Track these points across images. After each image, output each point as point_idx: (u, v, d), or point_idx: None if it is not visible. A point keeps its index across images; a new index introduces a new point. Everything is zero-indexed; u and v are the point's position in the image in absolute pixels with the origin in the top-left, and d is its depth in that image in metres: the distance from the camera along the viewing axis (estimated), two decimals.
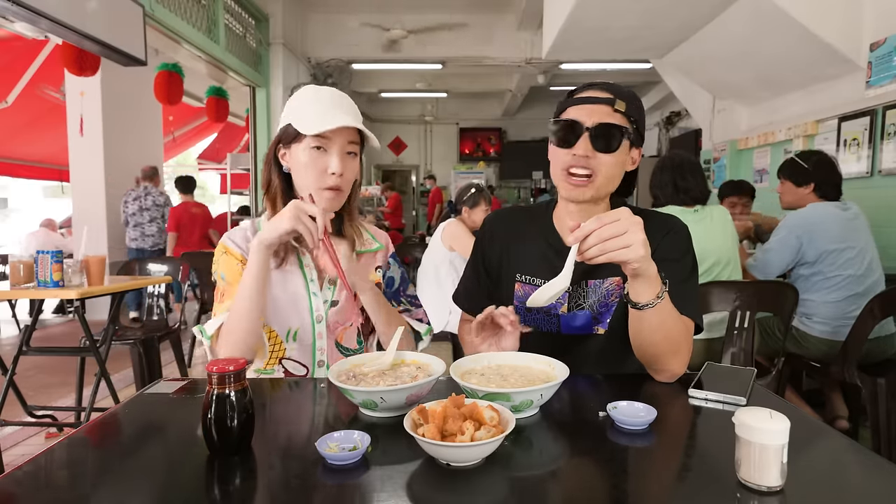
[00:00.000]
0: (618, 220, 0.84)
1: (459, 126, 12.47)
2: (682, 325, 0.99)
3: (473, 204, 3.11)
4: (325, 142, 1.12)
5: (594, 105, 1.05)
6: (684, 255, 1.10)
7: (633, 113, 1.06)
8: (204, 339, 1.11)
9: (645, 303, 0.92)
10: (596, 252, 0.84)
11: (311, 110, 1.13)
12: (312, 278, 1.19)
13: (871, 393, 2.09)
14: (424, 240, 5.86)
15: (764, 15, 3.73)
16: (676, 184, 2.26)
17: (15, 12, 2.78)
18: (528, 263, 1.17)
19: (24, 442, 2.67)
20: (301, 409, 0.94)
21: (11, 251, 6.95)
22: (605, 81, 1.09)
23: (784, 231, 2.35)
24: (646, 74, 7.87)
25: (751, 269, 2.46)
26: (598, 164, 1.04)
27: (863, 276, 2.26)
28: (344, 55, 7.58)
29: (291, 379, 1.14)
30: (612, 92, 1.06)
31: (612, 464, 0.70)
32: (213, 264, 1.20)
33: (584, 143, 1.03)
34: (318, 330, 1.19)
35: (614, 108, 1.04)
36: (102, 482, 0.67)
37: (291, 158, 1.16)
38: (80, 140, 5.31)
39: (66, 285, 2.38)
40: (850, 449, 0.74)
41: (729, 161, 5.45)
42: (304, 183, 1.14)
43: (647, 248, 0.85)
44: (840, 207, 2.33)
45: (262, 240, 1.05)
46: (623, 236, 0.83)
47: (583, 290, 1.13)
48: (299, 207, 1.03)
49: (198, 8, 4.83)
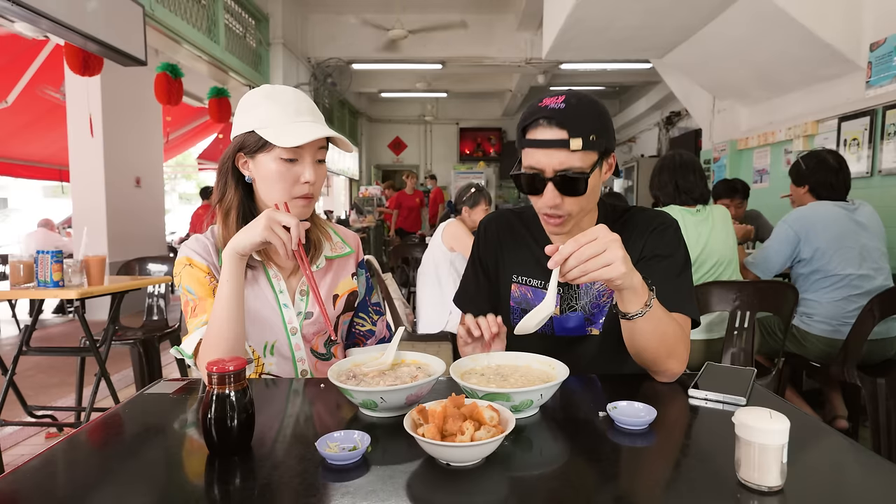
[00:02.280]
0: (595, 240, 0.84)
1: (459, 126, 12.49)
2: (677, 326, 0.98)
3: (473, 204, 3.11)
4: (297, 152, 1.07)
5: (549, 149, 0.97)
6: (675, 251, 1.09)
7: (594, 142, 0.97)
8: (186, 359, 1.09)
9: (634, 313, 0.92)
10: (577, 273, 0.84)
11: (278, 116, 1.07)
12: (281, 289, 1.16)
13: (871, 393, 2.09)
14: (424, 240, 5.86)
15: (764, 15, 3.74)
16: (678, 184, 2.25)
17: (15, 12, 2.78)
18: (523, 265, 1.18)
19: (24, 442, 2.67)
20: (301, 409, 0.94)
21: (11, 251, 6.94)
22: (556, 106, 0.98)
23: (783, 227, 2.36)
24: (646, 74, 7.88)
25: (749, 266, 2.46)
26: (570, 207, 1.02)
27: (864, 276, 2.24)
28: (344, 55, 7.59)
29: (291, 379, 1.14)
30: (565, 126, 0.96)
31: (612, 464, 0.70)
32: (175, 277, 1.14)
33: (550, 192, 1.00)
34: (294, 342, 1.16)
35: (571, 149, 0.96)
36: (102, 482, 0.67)
37: (257, 168, 1.10)
38: (80, 140, 5.30)
39: (66, 285, 2.38)
40: (850, 449, 0.74)
41: (729, 161, 5.45)
42: (272, 193, 1.10)
43: (628, 264, 0.85)
44: (844, 207, 2.31)
45: (234, 248, 1.01)
46: (602, 255, 0.83)
47: (574, 291, 1.13)
48: (273, 218, 0.99)
49: (198, 8, 4.83)
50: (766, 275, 2.42)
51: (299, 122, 1.07)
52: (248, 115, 1.09)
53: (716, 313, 2.11)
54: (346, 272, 1.26)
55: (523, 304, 1.17)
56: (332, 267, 1.24)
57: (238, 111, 1.12)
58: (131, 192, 5.81)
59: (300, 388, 1.03)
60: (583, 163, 0.98)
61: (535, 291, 1.15)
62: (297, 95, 1.11)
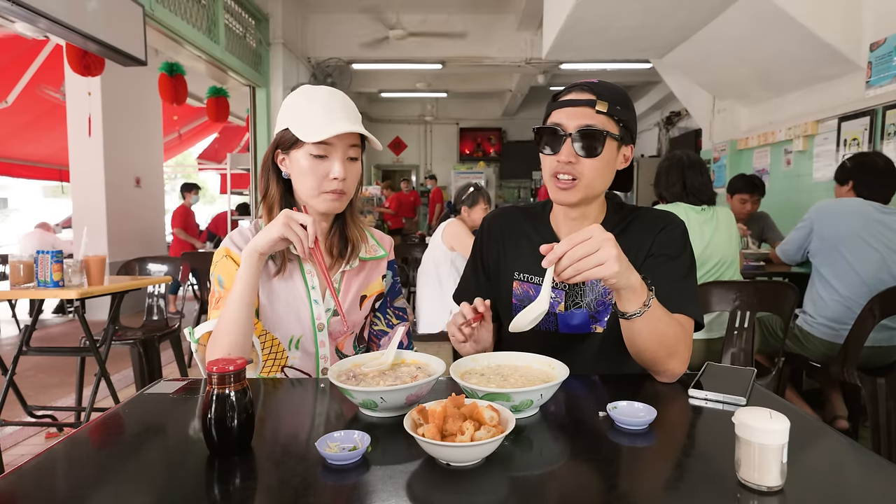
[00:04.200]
0: (589, 239, 0.84)
1: (459, 126, 12.48)
2: (678, 326, 0.98)
3: (473, 203, 3.11)
4: (326, 148, 1.10)
5: (575, 108, 1.03)
6: (682, 252, 1.10)
7: (619, 112, 1.03)
8: (192, 342, 1.10)
9: (633, 312, 0.91)
10: (571, 273, 0.84)
11: (310, 114, 1.10)
12: (314, 285, 1.18)
13: (871, 393, 2.09)
14: (424, 240, 5.86)
15: (764, 15, 3.74)
16: (685, 183, 2.26)
17: (15, 12, 2.78)
18: (526, 262, 1.18)
19: (24, 442, 2.67)
20: (301, 409, 0.94)
21: (11, 251, 6.95)
22: (590, 81, 1.07)
23: (805, 215, 2.42)
24: (646, 74, 7.87)
25: (777, 249, 2.63)
26: (583, 168, 1.04)
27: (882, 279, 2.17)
28: (344, 55, 7.58)
29: (291, 378, 1.14)
30: (594, 92, 1.04)
31: (612, 464, 0.70)
32: (212, 266, 1.17)
33: (567, 149, 1.03)
34: (320, 338, 1.18)
35: (595, 109, 1.02)
36: (102, 482, 0.67)
37: (291, 164, 1.14)
38: (80, 140, 5.31)
39: (66, 285, 2.38)
40: (850, 449, 0.74)
41: (729, 161, 5.45)
42: (304, 188, 1.13)
43: (622, 263, 0.85)
44: (877, 207, 2.25)
45: (253, 247, 1.03)
46: (595, 254, 0.83)
47: (580, 288, 1.13)
48: (289, 216, 1.02)
49: (198, 8, 4.83)
50: (788, 261, 2.56)
51: (329, 120, 1.09)
52: (285, 113, 1.13)
53: (716, 313, 2.11)
54: (378, 274, 1.28)
55: (525, 301, 1.16)
56: (365, 268, 1.26)
57: (280, 111, 1.16)
58: (131, 192, 5.82)
59: (300, 387, 1.03)
60: (604, 126, 1.03)
61: (536, 289, 1.15)
62: (331, 94, 1.14)
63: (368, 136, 1.14)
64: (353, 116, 1.13)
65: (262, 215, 1.20)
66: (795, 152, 4.44)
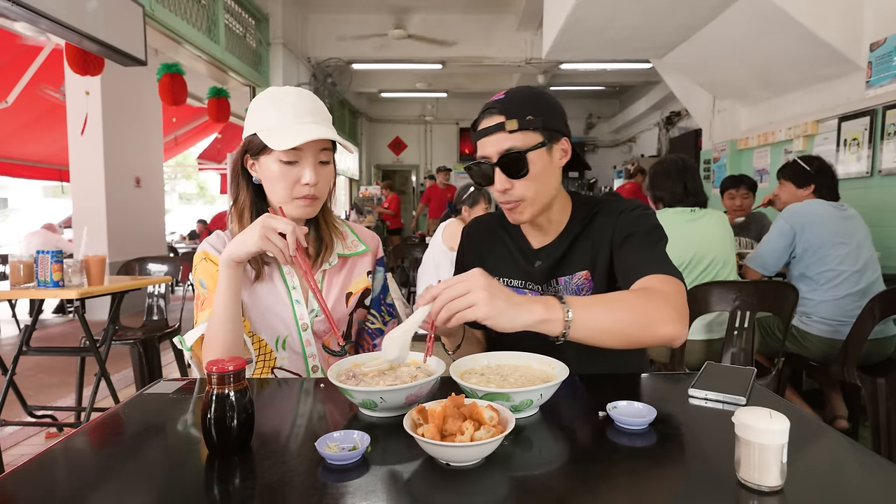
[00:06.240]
0: (461, 282, 0.84)
1: (459, 126, 12.48)
2: (640, 298, 0.94)
3: (473, 203, 3.11)
4: (296, 154, 1.07)
5: (490, 136, 1.04)
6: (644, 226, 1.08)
7: (533, 121, 1.02)
8: (184, 350, 1.10)
9: (559, 334, 0.87)
10: (445, 314, 0.83)
11: (278, 119, 1.07)
12: (294, 285, 1.17)
13: (871, 393, 2.09)
14: (424, 240, 5.86)
15: (764, 15, 3.74)
16: (686, 186, 2.27)
17: (15, 12, 2.78)
18: (503, 266, 1.21)
19: (24, 442, 2.67)
20: (301, 409, 0.94)
21: (11, 251, 6.95)
22: (497, 99, 1.06)
23: (780, 222, 2.40)
24: (646, 74, 7.88)
25: (748, 261, 2.49)
26: (520, 190, 1.06)
27: (860, 271, 2.28)
28: (344, 55, 7.59)
29: (291, 378, 1.14)
30: (502, 111, 1.03)
31: (612, 464, 0.70)
32: (192, 270, 1.16)
33: (499, 177, 1.05)
34: (305, 338, 1.17)
35: (508, 131, 1.02)
36: (102, 482, 0.67)
37: (261, 169, 1.11)
38: (80, 140, 5.30)
39: (66, 285, 2.38)
40: (850, 449, 0.74)
41: (729, 161, 5.45)
42: (276, 195, 1.10)
43: (496, 306, 0.82)
44: (837, 207, 2.38)
45: (229, 255, 1.02)
46: (465, 296, 0.82)
47: (554, 287, 1.14)
48: (267, 226, 0.99)
49: (198, 8, 4.83)
50: (764, 271, 2.44)
51: (298, 125, 1.06)
52: (253, 117, 1.10)
53: (716, 313, 2.11)
54: (361, 270, 1.27)
55: None
56: (346, 265, 1.25)
57: (247, 114, 1.13)
58: (131, 192, 5.81)
59: (300, 387, 1.03)
60: (523, 143, 1.03)
61: (515, 291, 1.15)
62: (300, 97, 1.10)
63: (339, 141, 1.12)
64: (322, 119, 1.11)
65: (232, 221, 1.17)
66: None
